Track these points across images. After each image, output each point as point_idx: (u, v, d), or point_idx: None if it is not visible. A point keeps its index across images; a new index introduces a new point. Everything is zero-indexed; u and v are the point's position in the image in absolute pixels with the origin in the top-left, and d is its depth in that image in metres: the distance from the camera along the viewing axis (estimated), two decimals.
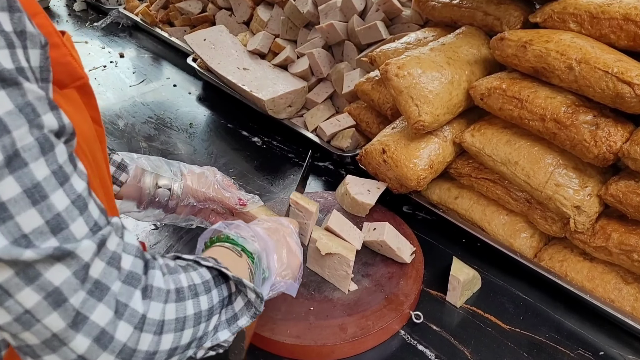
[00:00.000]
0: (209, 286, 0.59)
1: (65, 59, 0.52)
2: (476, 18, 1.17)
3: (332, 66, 1.54)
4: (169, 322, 0.52)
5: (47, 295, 0.42)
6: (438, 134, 1.11)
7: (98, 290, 0.45)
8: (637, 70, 0.84)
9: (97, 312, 0.45)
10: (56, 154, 0.42)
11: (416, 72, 1.02)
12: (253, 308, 0.65)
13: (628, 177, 0.91)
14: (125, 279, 0.48)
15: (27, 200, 0.40)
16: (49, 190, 0.41)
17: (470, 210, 1.12)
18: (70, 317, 0.43)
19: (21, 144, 0.39)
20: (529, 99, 0.96)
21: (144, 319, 0.49)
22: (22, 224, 0.40)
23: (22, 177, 0.39)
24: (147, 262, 0.53)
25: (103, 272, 0.45)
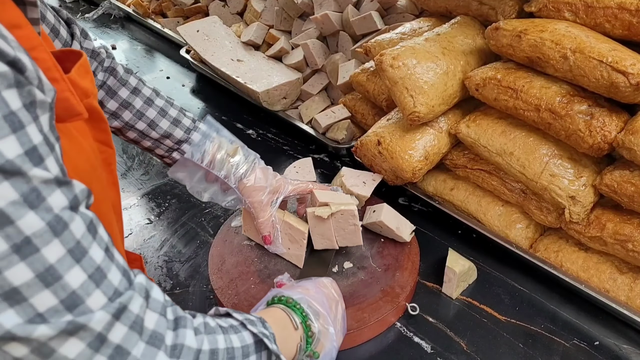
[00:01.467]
0: (247, 351, 0.58)
1: (63, 94, 0.51)
2: (471, 8, 1.16)
3: (327, 57, 1.53)
4: None
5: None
6: (433, 125, 1.10)
7: (119, 355, 0.45)
8: (631, 60, 0.83)
9: None
10: (72, 231, 0.42)
11: (411, 62, 1.01)
12: None
13: (623, 167, 0.91)
14: (149, 339, 0.48)
15: (40, 284, 0.40)
16: (63, 271, 0.41)
17: (466, 201, 1.12)
18: None
19: (31, 231, 0.39)
20: (523, 89, 0.95)
21: None
22: (36, 304, 0.40)
23: (33, 262, 0.40)
24: (177, 319, 0.52)
25: (125, 336, 0.45)
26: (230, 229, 1.11)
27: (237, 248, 1.05)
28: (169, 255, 1.11)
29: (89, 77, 0.59)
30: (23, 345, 0.40)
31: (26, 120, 0.40)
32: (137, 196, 1.29)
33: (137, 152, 1.46)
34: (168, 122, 0.88)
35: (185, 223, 1.20)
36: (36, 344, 0.40)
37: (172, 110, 0.90)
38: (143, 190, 1.31)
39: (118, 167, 1.39)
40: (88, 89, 0.57)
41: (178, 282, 1.04)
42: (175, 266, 1.08)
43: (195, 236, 1.16)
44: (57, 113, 0.49)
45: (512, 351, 0.89)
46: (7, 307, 0.39)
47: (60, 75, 0.51)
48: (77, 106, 0.53)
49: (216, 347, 0.54)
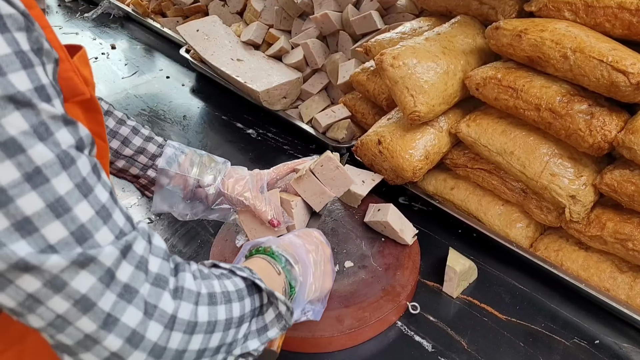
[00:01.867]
0: (242, 294, 0.60)
1: (67, 74, 0.53)
2: (471, 7, 1.16)
3: (326, 57, 1.53)
4: (200, 323, 0.53)
5: (75, 302, 0.44)
6: (434, 124, 1.10)
7: (127, 293, 0.47)
8: (631, 59, 0.83)
9: (128, 314, 0.47)
10: (78, 167, 0.44)
11: (411, 62, 1.01)
12: (283, 320, 0.65)
13: (622, 166, 0.91)
14: (154, 281, 0.50)
15: (51, 214, 0.41)
16: (72, 203, 0.43)
17: (466, 200, 1.12)
18: (100, 319, 0.45)
19: (42, 161, 0.41)
20: (524, 89, 0.96)
21: (173, 319, 0.51)
22: (47, 235, 0.41)
23: (44, 192, 0.41)
24: (177, 265, 0.54)
25: (131, 275, 0.47)
26: (231, 228, 1.11)
27: (238, 247, 1.05)
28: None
29: (88, 68, 0.60)
30: (36, 277, 0.41)
31: (35, 61, 0.42)
32: (138, 195, 1.29)
33: None
34: (141, 139, 0.90)
35: (185, 222, 1.20)
36: (48, 276, 0.42)
37: (143, 129, 0.91)
38: None
39: None
40: (88, 77, 0.58)
41: None
42: None
43: (196, 235, 1.16)
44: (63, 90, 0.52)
45: (512, 350, 0.89)
46: (19, 238, 0.40)
47: (66, 56, 0.52)
48: (80, 85, 0.54)
49: (213, 290, 0.56)
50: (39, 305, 0.43)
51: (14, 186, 0.39)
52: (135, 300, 0.47)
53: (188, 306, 0.52)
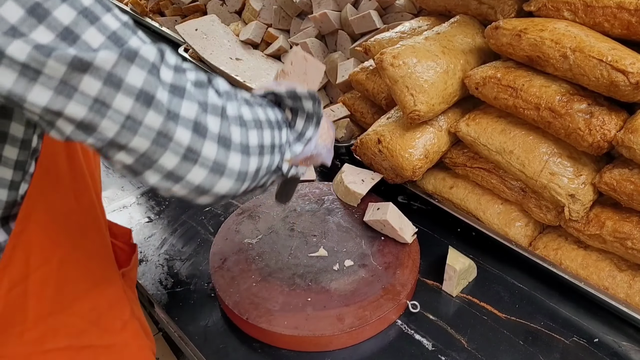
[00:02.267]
0: (269, 105, 0.63)
1: None
2: (470, 7, 1.16)
3: (325, 56, 1.53)
4: (247, 119, 0.57)
5: (137, 97, 0.46)
6: (433, 123, 1.10)
7: (177, 91, 0.49)
8: (631, 59, 0.84)
9: (184, 108, 0.50)
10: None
11: (411, 61, 1.02)
12: (314, 116, 0.67)
13: (622, 165, 0.91)
14: (195, 83, 0.52)
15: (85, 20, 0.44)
16: (98, 13, 0.46)
17: (466, 199, 1.13)
18: (164, 112, 0.48)
19: None
20: (523, 88, 0.96)
21: (225, 111, 0.54)
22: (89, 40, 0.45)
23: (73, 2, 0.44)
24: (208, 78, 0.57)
25: (174, 77, 0.50)
26: (231, 227, 1.11)
27: (238, 246, 1.06)
28: (169, 253, 1.11)
29: None
30: (94, 78, 0.44)
31: None
32: (137, 194, 1.29)
33: None
34: None
35: (185, 222, 1.20)
36: (104, 74, 0.45)
37: None
38: (143, 189, 1.31)
39: None
40: None
41: (179, 280, 1.04)
42: (176, 264, 1.08)
43: (196, 235, 1.16)
44: None
45: (512, 348, 0.89)
46: (67, 47, 0.43)
47: None
48: None
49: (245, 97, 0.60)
50: (107, 109, 0.46)
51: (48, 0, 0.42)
52: (186, 95, 0.50)
53: (233, 104, 0.55)
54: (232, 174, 0.54)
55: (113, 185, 1.33)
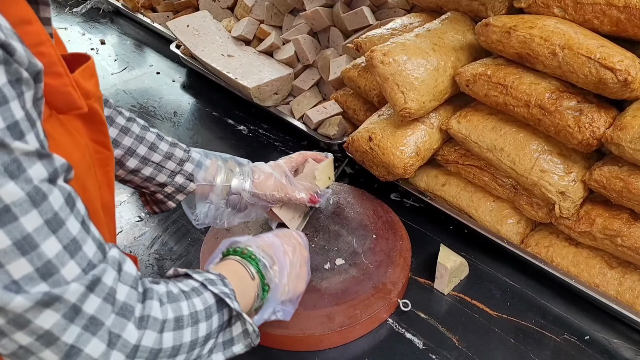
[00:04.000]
0: (210, 312, 0.61)
1: (65, 88, 0.54)
2: (461, 3, 1.15)
3: (318, 53, 1.52)
4: (164, 349, 0.55)
5: (38, 337, 0.45)
6: (424, 121, 1.10)
7: (92, 326, 0.48)
8: (619, 56, 0.83)
9: (91, 345, 0.48)
10: (50, 202, 0.45)
11: (402, 58, 1.01)
12: (249, 339, 0.66)
13: (611, 163, 0.91)
14: (119, 310, 0.51)
15: (17, 252, 0.42)
16: (40, 240, 0.44)
17: (458, 197, 1.13)
18: (63, 351, 0.47)
19: (11, 200, 0.41)
20: (513, 85, 0.96)
21: (136, 348, 0.52)
22: (12, 271, 0.42)
23: (12, 230, 0.42)
24: (145, 291, 0.55)
25: (98, 307, 0.48)
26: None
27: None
28: (159, 253, 1.11)
29: (94, 80, 0.61)
30: (0, 316, 0.43)
31: (10, 95, 0.42)
32: (128, 193, 1.28)
33: None
34: (167, 145, 0.88)
35: (176, 220, 1.19)
36: (12, 315, 0.43)
37: (166, 136, 0.90)
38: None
39: None
40: (90, 90, 0.59)
41: None
42: (166, 264, 1.08)
43: (187, 233, 1.15)
44: (57, 105, 0.54)
45: (503, 346, 0.89)
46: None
47: (65, 71, 0.53)
48: (77, 100, 0.55)
49: (180, 314, 0.57)
50: (2, 337, 0.45)
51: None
52: (100, 332, 0.48)
53: (152, 334, 0.53)
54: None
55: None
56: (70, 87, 0.54)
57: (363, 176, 1.28)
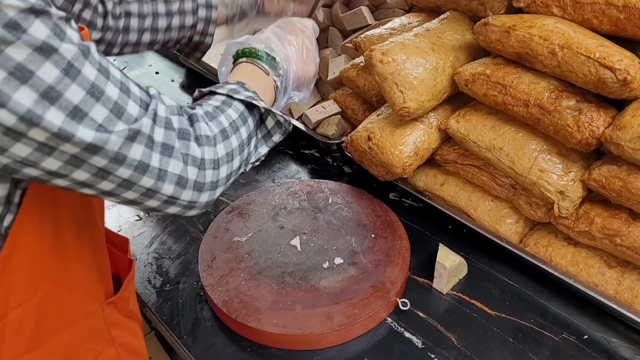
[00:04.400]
0: (244, 117, 0.70)
1: None
2: (460, 3, 1.16)
3: None
4: (221, 158, 0.65)
5: (136, 168, 0.55)
6: (423, 120, 1.10)
7: (167, 150, 0.58)
8: (618, 56, 0.84)
9: (172, 165, 0.59)
10: (93, 55, 0.51)
11: (400, 58, 1.01)
12: (283, 127, 0.76)
13: (610, 162, 0.91)
14: (180, 135, 0.60)
15: (92, 99, 0.50)
16: (102, 86, 0.51)
17: (456, 196, 1.13)
18: (155, 174, 0.57)
19: (70, 56, 0.48)
20: (512, 85, 0.96)
21: (203, 161, 0.62)
22: (95, 117, 0.50)
23: (81, 82, 0.49)
24: (190, 116, 0.64)
25: (164, 135, 0.58)
26: (221, 225, 1.11)
27: (227, 245, 1.05)
28: (158, 252, 1.10)
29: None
30: (103, 157, 0.52)
31: None
32: None
33: None
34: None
35: (174, 219, 1.19)
36: (112, 154, 0.52)
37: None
38: None
39: None
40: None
41: (168, 279, 1.04)
42: (165, 263, 1.07)
43: (185, 232, 1.15)
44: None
45: (502, 346, 0.89)
46: (77, 124, 0.49)
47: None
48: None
49: (223, 127, 0.67)
50: (109, 175, 0.54)
51: (58, 82, 0.47)
52: (174, 153, 0.59)
53: (209, 149, 0.63)
54: (208, 187, 0.65)
55: None
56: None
57: (362, 176, 1.28)
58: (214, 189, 0.66)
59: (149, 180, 0.57)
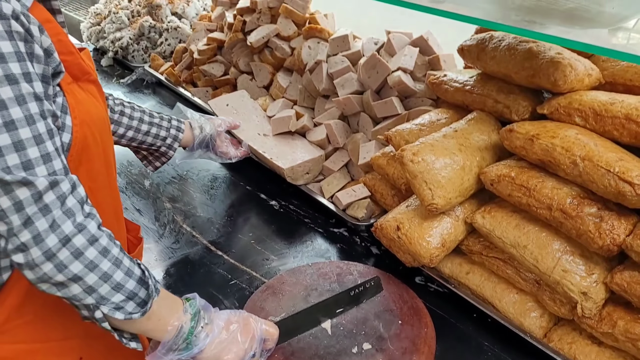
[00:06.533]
0: (131, 272, 0.81)
1: (77, 61, 0.86)
2: (487, 104, 1.24)
3: (348, 136, 1.62)
4: (85, 256, 0.76)
5: (14, 203, 0.70)
6: (450, 213, 1.16)
7: (45, 210, 0.72)
8: (637, 170, 0.90)
9: (40, 222, 0.72)
10: (37, 126, 0.71)
11: (430, 158, 1.09)
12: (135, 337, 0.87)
13: (632, 267, 0.95)
14: (66, 210, 0.75)
15: (12, 149, 0.69)
16: (28, 145, 0.70)
17: (482, 286, 1.17)
18: (24, 218, 0.71)
19: (16, 117, 0.69)
20: (536, 188, 1.02)
21: (67, 239, 0.74)
22: (8, 161, 0.69)
23: (12, 135, 0.69)
24: (90, 213, 0.79)
25: (52, 201, 0.73)
26: (256, 303, 1.16)
27: None
28: None
29: (92, 63, 0.94)
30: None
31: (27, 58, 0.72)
32: (168, 265, 1.35)
33: (169, 219, 1.53)
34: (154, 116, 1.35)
35: (212, 294, 1.25)
36: (3, 184, 0.69)
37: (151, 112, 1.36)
38: (173, 259, 1.38)
39: (151, 235, 1.47)
40: (91, 67, 0.92)
41: None
42: None
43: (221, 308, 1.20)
44: (74, 73, 0.85)
45: None
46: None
47: (75, 50, 0.85)
48: (87, 67, 0.87)
49: (109, 249, 0.79)
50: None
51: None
52: (48, 216, 0.73)
53: (82, 239, 0.76)
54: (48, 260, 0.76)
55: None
56: (80, 60, 0.86)
57: (389, 257, 1.33)
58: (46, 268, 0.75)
59: (17, 219, 0.71)
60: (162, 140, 1.36)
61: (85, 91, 0.88)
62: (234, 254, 1.39)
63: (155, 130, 1.33)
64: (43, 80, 0.76)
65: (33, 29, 0.72)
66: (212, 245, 1.43)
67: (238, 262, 1.37)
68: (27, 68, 0.71)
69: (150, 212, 1.57)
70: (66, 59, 0.82)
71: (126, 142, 1.30)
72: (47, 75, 0.77)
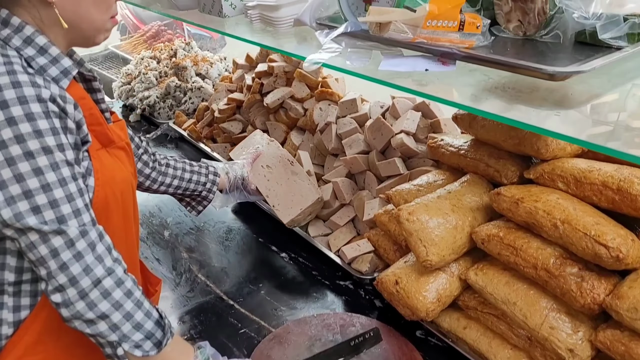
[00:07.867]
0: (149, 314, 0.94)
1: (104, 131, 1.00)
2: (479, 168, 1.34)
3: (354, 193, 1.72)
4: (113, 296, 0.89)
5: (51, 250, 0.84)
6: (446, 269, 1.24)
7: (78, 256, 0.86)
8: (612, 234, 0.97)
9: (74, 267, 0.86)
10: (69, 187, 0.86)
11: (424, 218, 1.18)
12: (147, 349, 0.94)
13: (614, 326, 1.00)
14: (97, 256, 0.88)
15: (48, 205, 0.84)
16: (62, 204, 0.85)
17: (478, 341, 1.22)
18: (60, 263, 0.85)
19: (51, 180, 0.84)
20: (522, 248, 1.09)
21: (98, 281, 0.88)
22: (46, 216, 0.84)
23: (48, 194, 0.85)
24: (118, 259, 0.92)
25: (84, 248, 0.86)
26: (263, 352, 1.24)
27: None
28: None
29: (124, 131, 1.10)
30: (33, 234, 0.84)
31: (61, 131, 0.87)
32: (183, 312, 1.44)
33: (185, 269, 1.64)
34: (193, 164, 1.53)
35: (223, 342, 1.33)
36: (41, 234, 0.83)
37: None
38: (188, 307, 1.47)
39: (167, 283, 1.57)
40: (121, 135, 1.06)
41: None
42: None
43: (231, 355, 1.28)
44: (102, 141, 0.99)
45: None
46: (31, 214, 0.83)
47: (104, 122, 1.00)
48: (111, 136, 1.01)
49: (133, 292, 0.92)
50: (33, 249, 0.84)
51: (36, 188, 0.83)
52: (81, 261, 0.86)
53: (110, 281, 0.89)
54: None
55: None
56: (107, 130, 1.00)
57: (391, 311, 1.39)
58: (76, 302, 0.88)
59: (54, 264, 0.85)
60: (202, 185, 1.51)
61: (113, 156, 1.02)
62: (245, 304, 1.48)
63: (196, 177, 1.49)
64: (75, 148, 0.90)
65: (68, 107, 0.88)
66: (225, 295, 1.52)
67: (248, 311, 1.45)
68: (61, 140, 0.85)
69: (168, 262, 1.68)
70: (95, 129, 0.97)
71: (173, 191, 1.48)
72: (77, 143, 0.91)
